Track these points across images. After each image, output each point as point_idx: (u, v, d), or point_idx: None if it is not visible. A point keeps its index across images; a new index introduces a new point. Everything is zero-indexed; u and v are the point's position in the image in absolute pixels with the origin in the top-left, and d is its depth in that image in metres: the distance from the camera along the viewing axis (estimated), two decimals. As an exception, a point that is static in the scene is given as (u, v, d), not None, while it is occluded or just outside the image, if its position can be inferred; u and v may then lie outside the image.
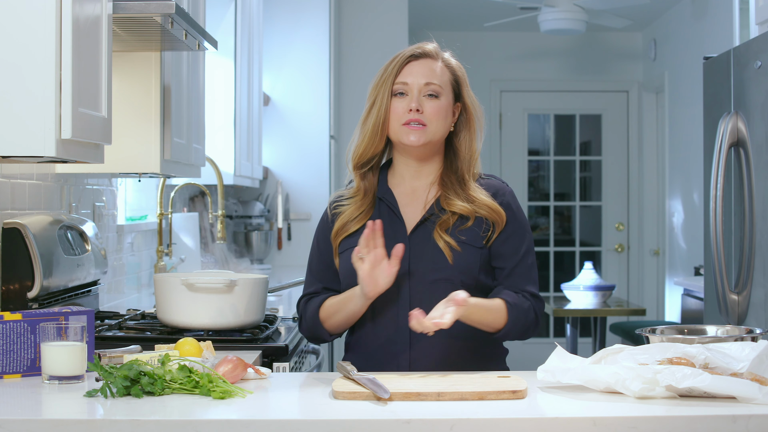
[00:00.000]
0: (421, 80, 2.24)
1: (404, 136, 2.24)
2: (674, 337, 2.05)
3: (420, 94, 2.24)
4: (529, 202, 8.27)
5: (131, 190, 3.91)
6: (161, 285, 2.70)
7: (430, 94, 2.24)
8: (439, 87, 2.25)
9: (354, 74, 6.52)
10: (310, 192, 6.04)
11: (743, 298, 3.53)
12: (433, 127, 2.24)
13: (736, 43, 4.33)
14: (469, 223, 2.25)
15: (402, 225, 2.27)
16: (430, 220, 2.26)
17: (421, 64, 2.26)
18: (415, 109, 2.22)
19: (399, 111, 2.24)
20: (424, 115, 2.23)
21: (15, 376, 2.07)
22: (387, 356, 2.23)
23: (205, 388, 1.85)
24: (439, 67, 2.27)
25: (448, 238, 2.22)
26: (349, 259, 2.26)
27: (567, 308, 5.60)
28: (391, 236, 2.25)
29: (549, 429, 1.68)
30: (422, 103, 2.24)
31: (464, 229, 2.24)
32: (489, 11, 7.11)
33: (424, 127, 2.23)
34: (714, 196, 3.64)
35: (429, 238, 2.24)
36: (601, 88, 8.18)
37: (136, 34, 2.63)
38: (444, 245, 2.22)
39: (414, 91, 2.24)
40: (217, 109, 4.52)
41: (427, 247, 2.24)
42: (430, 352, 2.21)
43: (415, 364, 2.21)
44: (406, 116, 2.23)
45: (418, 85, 2.24)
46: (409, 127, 2.23)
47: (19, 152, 2.02)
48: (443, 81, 2.26)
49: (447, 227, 2.24)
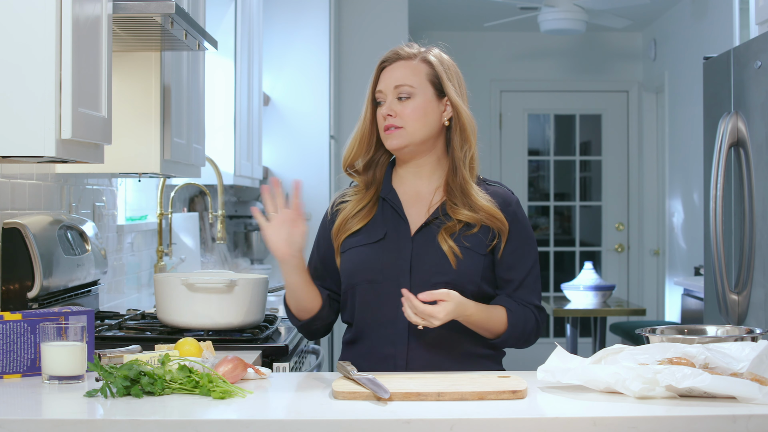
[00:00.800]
0: (391, 84, 2.27)
1: (386, 142, 2.28)
2: (674, 337, 2.05)
3: (393, 98, 2.26)
4: (529, 202, 8.27)
5: (131, 190, 3.91)
6: (161, 285, 2.70)
7: (400, 96, 2.26)
8: (409, 87, 2.26)
9: (354, 74, 6.52)
10: (310, 192, 6.04)
11: (743, 298, 3.53)
12: (411, 127, 2.25)
13: (736, 43, 4.33)
14: (474, 229, 2.26)
15: (406, 225, 2.28)
16: (435, 223, 2.26)
17: (392, 68, 2.29)
18: (387, 114, 2.26)
19: (379, 118, 2.29)
20: (398, 117, 2.25)
21: (15, 376, 2.07)
22: (386, 355, 2.24)
23: (205, 388, 1.85)
24: (413, 65, 2.28)
25: (452, 243, 2.23)
26: (348, 260, 2.28)
27: (567, 308, 5.60)
28: (394, 236, 2.26)
29: (549, 429, 1.68)
30: (394, 107, 2.26)
31: (469, 235, 2.25)
32: (489, 11, 7.11)
33: (400, 129, 2.25)
34: (714, 196, 3.64)
35: (433, 241, 2.24)
36: (601, 88, 8.18)
37: (136, 34, 2.63)
38: (448, 249, 2.22)
39: (388, 96, 2.27)
40: (217, 109, 4.52)
41: (431, 249, 2.24)
42: (428, 351, 2.22)
43: (412, 363, 2.22)
44: (384, 122, 2.27)
45: (389, 89, 2.27)
46: (387, 132, 2.27)
47: (19, 152, 2.02)
48: (417, 80, 2.26)
49: (452, 232, 2.24)
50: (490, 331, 2.23)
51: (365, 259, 2.26)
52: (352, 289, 2.28)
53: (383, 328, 2.24)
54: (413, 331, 2.20)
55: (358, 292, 2.27)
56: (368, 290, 2.25)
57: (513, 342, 2.26)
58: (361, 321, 2.28)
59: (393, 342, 2.23)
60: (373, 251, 2.26)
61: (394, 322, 2.23)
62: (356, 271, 2.26)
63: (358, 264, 2.27)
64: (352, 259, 2.28)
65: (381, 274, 2.24)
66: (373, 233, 2.28)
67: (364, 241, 2.28)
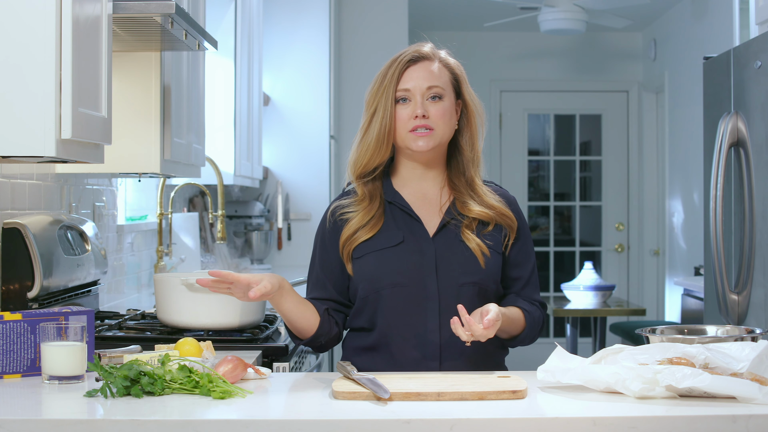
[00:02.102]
0: (423, 84, 2.22)
1: (412, 143, 2.22)
2: (674, 337, 2.05)
3: (423, 99, 2.22)
4: (529, 202, 8.27)
5: (131, 190, 3.91)
6: (161, 285, 2.70)
7: (434, 97, 2.23)
8: (440, 89, 2.23)
9: (354, 74, 6.52)
10: (310, 192, 6.04)
11: (743, 298, 3.53)
12: (440, 130, 2.23)
13: (736, 43, 4.33)
14: (489, 227, 2.25)
15: (421, 225, 2.24)
16: (452, 223, 2.24)
17: (420, 67, 2.24)
18: (421, 115, 2.21)
19: (404, 118, 2.22)
20: (430, 119, 2.21)
21: (15, 376, 2.07)
22: (416, 358, 2.20)
23: (205, 388, 1.85)
24: (438, 67, 2.26)
25: (479, 240, 2.22)
26: (366, 265, 2.23)
27: (567, 308, 5.60)
28: (411, 237, 2.23)
29: (549, 429, 1.68)
30: (427, 107, 2.22)
31: (487, 233, 2.25)
32: (489, 11, 7.11)
33: (431, 132, 2.22)
34: (714, 196, 3.64)
35: (456, 240, 2.22)
36: (601, 88, 8.18)
37: (136, 34, 2.63)
38: (476, 248, 2.20)
39: (417, 96, 2.22)
40: (217, 109, 4.52)
41: (456, 249, 2.22)
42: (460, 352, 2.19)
43: (444, 365, 2.19)
44: (412, 122, 2.21)
45: (420, 89, 2.22)
46: (416, 133, 2.21)
47: (19, 152, 2.02)
48: (443, 81, 2.25)
49: (472, 230, 2.23)
50: (509, 334, 2.24)
51: (387, 263, 2.21)
52: (375, 293, 2.21)
53: (411, 331, 2.19)
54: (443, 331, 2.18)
55: (383, 296, 2.20)
56: (394, 294, 2.20)
57: (525, 342, 2.29)
58: (385, 326, 2.22)
59: (423, 344, 2.19)
60: (394, 255, 2.21)
61: (422, 325, 2.19)
62: (379, 276, 2.21)
63: (380, 268, 2.21)
64: (372, 263, 2.22)
65: (406, 277, 2.20)
66: (390, 237, 2.23)
67: (383, 245, 2.22)
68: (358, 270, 2.24)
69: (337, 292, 2.28)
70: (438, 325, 2.18)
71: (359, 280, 2.24)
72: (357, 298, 2.25)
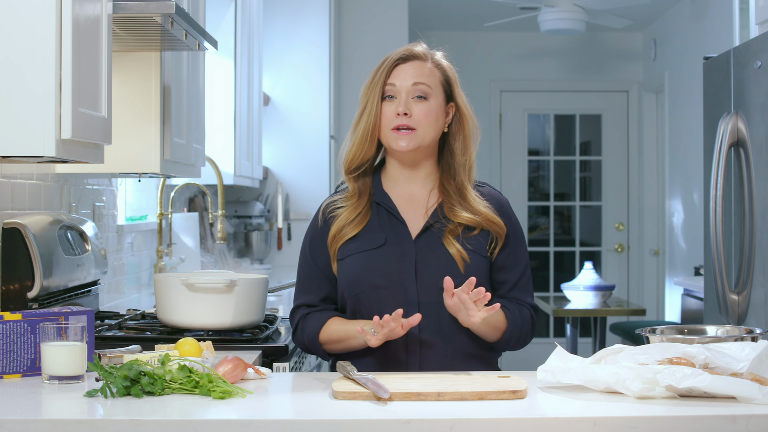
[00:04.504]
0: (408, 81, 2.22)
1: (393, 142, 2.22)
2: (674, 337, 2.05)
3: (408, 96, 2.21)
4: (529, 202, 8.27)
5: (131, 190, 3.91)
6: (161, 285, 2.70)
7: (419, 96, 2.22)
8: (427, 87, 2.22)
9: (354, 74, 6.52)
10: (310, 192, 6.04)
11: (743, 298, 3.53)
12: (423, 130, 2.21)
13: (736, 43, 4.32)
14: (474, 232, 2.24)
15: (405, 229, 2.24)
16: (436, 226, 2.24)
17: (409, 66, 2.24)
18: (402, 113, 2.20)
19: (388, 115, 2.22)
20: (412, 118, 2.20)
21: (15, 376, 2.07)
22: (399, 360, 2.20)
23: (205, 388, 1.85)
24: (429, 67, 2.25)
25: (459, 246, 2.20)
26: (348, 267, 2.23)
27: (567, 308, 5.60)
28: (393, 238, 2.23)
29: (549, 429, 1.68)
30: (410, 106, 2.21)
31: (471, 237, 2.23)
32: (489, 11, 7.11)
33: (413, 132, 2.21)
34: (714, 196, 3.64)
35: (437, 244, 2.22)
36: (601, 88, 8.18)
37: (136, 34, 2.63)
38: (456, 253, 2.19)
39: (402, 93, 2.22)
40: (217, 109, 4.52)
41: (436, 253, 2.21)
42: (435, 355, 2.20)
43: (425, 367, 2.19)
44: (395, 121, 2.21)
45: (406, 87, 2.22)
46: (398, 132, 2.21)
47: (19, 152, 2.02)
48: (432, 81, 2.24)
49: (456, 235, 2.22)
50: (492, 333, 2.21)
51: (368, 265, 2.21)
52: (355, 296, 2.22)
53: None
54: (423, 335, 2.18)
55: (363, 299, 2.21)
56: (374, 297, 2.20)
57: (514, 341, 2.25)
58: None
59: (405, 347, 2.19)
60: (376, 257, 2.21)
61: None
62: (360, 278, 2.21)
63: (360, 270, 2.21)
64: (354, 265, 2.22)
65: (386, 279, 2.20)
66: (373, 239, 2.23)
67: (365, 246, 2.23)
68: (341, 272, 2.25)
69: (333, 290, 2.29)
70: (418, 329, 2.18)
71: (342, 282, 2.25)
72: (340, 299, 2.27)
